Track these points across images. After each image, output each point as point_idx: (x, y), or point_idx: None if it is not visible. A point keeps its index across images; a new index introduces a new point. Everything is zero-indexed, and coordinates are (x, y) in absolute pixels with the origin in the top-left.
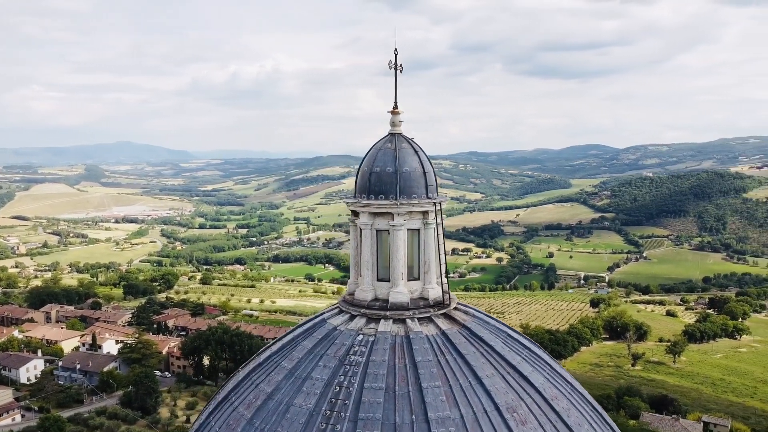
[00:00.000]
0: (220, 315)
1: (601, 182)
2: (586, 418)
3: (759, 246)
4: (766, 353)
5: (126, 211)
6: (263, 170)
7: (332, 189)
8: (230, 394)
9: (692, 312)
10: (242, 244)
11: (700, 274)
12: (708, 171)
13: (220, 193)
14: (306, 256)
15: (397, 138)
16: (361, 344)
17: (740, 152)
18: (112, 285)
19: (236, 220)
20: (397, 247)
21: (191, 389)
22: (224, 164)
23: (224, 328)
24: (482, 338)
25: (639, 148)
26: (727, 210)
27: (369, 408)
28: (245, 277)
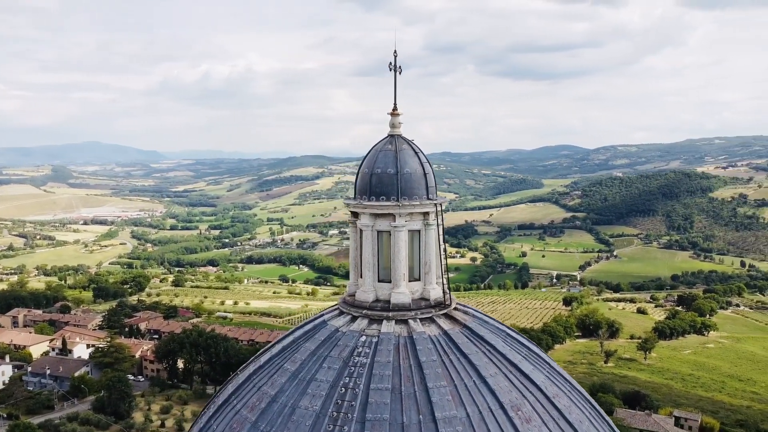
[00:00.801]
0: (194, 317)
1: (572, 182)
2: (586, 415)
3: (724, 244)
4: (732, 349)
5: (95, 213)
6: (236, 171)
7: (306, 189)
8: (231, 398)
9: (662, 309)
10: (215, 245)
11: (668, 272)
12: (675, 171)
13: (191, 194)
14: (280, 257)
15: (397, 139)
16: (365, 345)
17: (706, 153)
18: (82, 288)
19: (208, 221)
20: (398, 248)
21: (166, 393)
22: (196, 165)
23: (199, 331)
24: (483, 337)
25: (609, 149)
26: (694, 209)
27: (376, 409)
28: (218, 278)
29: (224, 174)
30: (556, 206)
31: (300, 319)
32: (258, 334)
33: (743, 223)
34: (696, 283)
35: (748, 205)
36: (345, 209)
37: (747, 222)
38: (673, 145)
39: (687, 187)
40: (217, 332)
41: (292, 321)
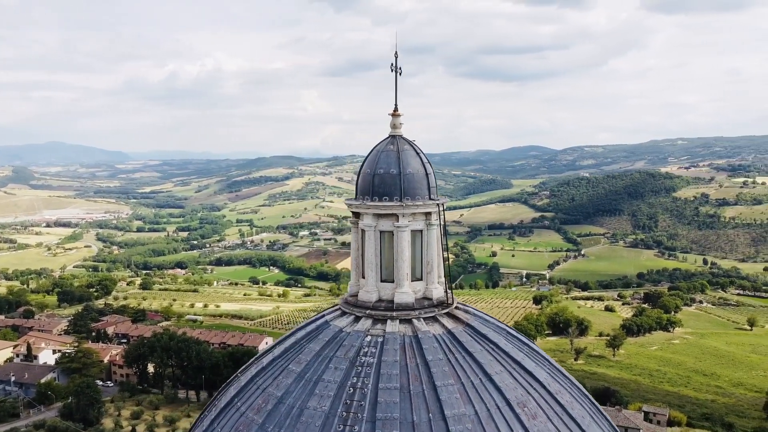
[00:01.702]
0: (163, 321)
1: (540, 182)
2: (587, 411)
3: (688, 243)
4: (697, 344)
5: (58, 215)
6: (204, 171)
7: (276, 190)
8: (234, 400)
9: (629, 307)
10: (183, 247)
11: (634, 270)
12: (640, 171)
13: (158, 195)
14: (250, 259)
15: (399, 140)
16: (371, 345)
17: (669, 153)
18: (45, 292)
19: (176, 223)
20: (402, 248)
21: (136, 398)
22: (163, 165)
23: (170, 335)
24: (486, 336)
25: (576, 149)
26: (659, 208)
27: (386, 408)
28: (187, 281)
29: (192, 175)
30: (525, 206)
31: (272, 322)
32: (229, 337)
33: (705, 222)
34: (661, 281)
35: (710, 204)
36: (315, 210)
37: (709, 221)
38: (637, 146)
39: (651, 187)
40: (188, 335)
41: (263, 323)
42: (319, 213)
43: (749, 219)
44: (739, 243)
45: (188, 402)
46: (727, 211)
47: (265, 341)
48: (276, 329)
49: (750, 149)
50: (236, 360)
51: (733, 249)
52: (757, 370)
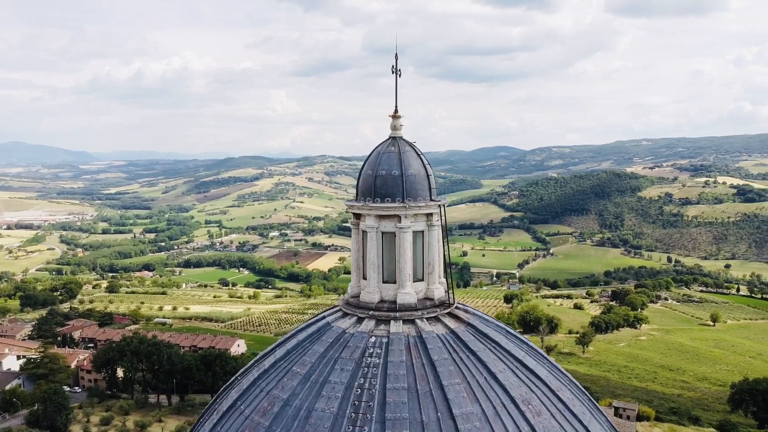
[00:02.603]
0: (131, 324)
1: (510, 182)
2: (587, 408)
3: (653, 241)
4: (663, 340)
5: (19, 217)
6: (171, 172)
7: (245, 191)
8: (237, 403)
9: (597, 304)
10: (150, 249)
11: (601, 269)
12: (606, 171)
13: (124, 196)
14: (219, 261)
15: (399, 141)
16: (376, 346)
17: (634, 154)
18: (7, 296)
19: (143, 225)
20: (404, 249)
21: (105, 403)
22: (128, 166)
23: (140, 338)
24: (488, 335)
25: (544, 150)
26: (624, 208)
27: (395, 408)
28: (155, 283)
29: (159, 175)
30: (495, 206)
31: (243, 324)
32: (200, 340)
33: (669, 221)
34: (627, 279)
35: (674, 203)
36: (285, 211)
37: (672, 220)
38: (604, 147)
39: (617, 186)
40: (158, 339)
41: (234, 325)
42: (289, 214)
43: (711, 218)
44: (702, 241)
45: (159, 406)
46: (690, 210)
47: (237, 343)
48: (247, 331)
49: (711, 150)
50: (209, 363)
51: (695, 247)
52: (721, 365)
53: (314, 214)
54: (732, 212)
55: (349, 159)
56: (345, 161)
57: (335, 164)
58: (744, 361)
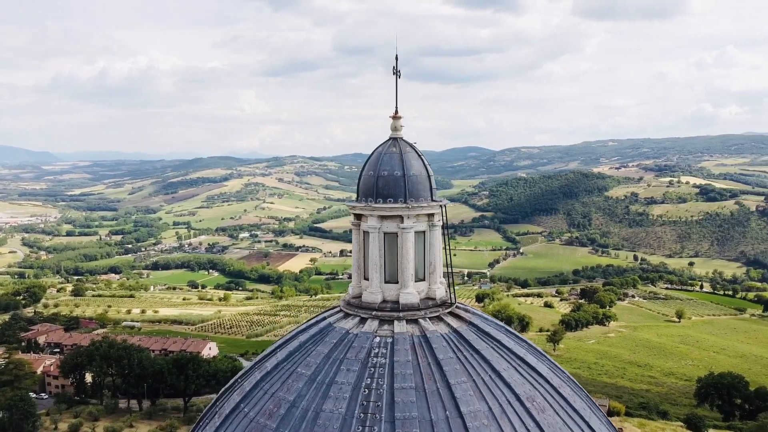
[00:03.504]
0: (98, 328)
1: (480, 183)
2: (586, 403)
3: (619, 240)
4: (631, 337)
5: None
6: (137, 172)
7: (214, 192)
8: (240, 406)
9: (567, 302)
10: (117, 251)
11: (570, 267)
12: (574, 172)
13: (89, 198)
14: (188, 262)
15: (400, 142)
16: (381, 346)
17: (601, 154)
18: None
19: (109, 226)
20: (407, 249)
21: (73, 410)
22: (93, 166)
23: (110, 342)
24: (490, 333)
25: (513, 150)
26: (592, 207)
27: (404, 407)
28: (122, 286)
29: (125, 176)
30: (465, 206)
31: (214, 326)
32: (171, 343)
33: (635, 220)
34: (595, 277)
35: (639, 203)
36: (255, 211)
37: (638, 219)
38: (571, 147)
39: (585, 186)
40: (128, 343)
41: (205, 328)
42: (259, 214)
43: (675, 217)
44: (666, 239)
45: (130, 411)
46: (655, 209)
47: (208, 346)
48: (219, 334)
49: (674, 150)
50: (181, 367)
51: (660, 245)
52: (686, 360)
53: (285, 214)
54: (695, 211)
55: (319, 159)
56: (315, 161)
57: (305, 165)
58: (708, 356)
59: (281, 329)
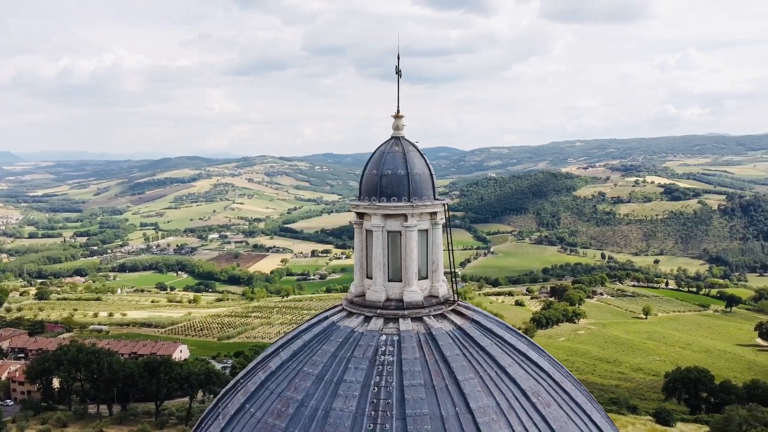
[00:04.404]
0: (64, 332)
1: (450, 182)
2: (586, 398)
3: (587, 238)
4: (600, 334)
5: None
6: (103, 173)
7: (182, 192)
8: (245, 406)
9: (537, 301)
10: (82, 253)
11: (540, 266)
12: (543, 172)
13: (53, 199)
14: (156, 264)
15: (402, 141)
16: (387, 344)
17: (569, 154)
18: None
19: (74, 228)
20: (410, 247)
21: (41, 416)
22: (57, 167)
23: (78, 347)
24: (492, 330)
25: (483, 151)
26: (560, 207)
27: (414, 404)
28: (88, 289)
29: (90, 177)
30: None
31: (184, 328)
32: (140, 347)
33: (602, 219)
34: (564, 275)
35: (606, 202)
36: (224, 212)
37: (605, 218)
38: (540, 148)
39: (554, 186)
40: (98, 347)
41: (175, 330)
42: (229, 215)
43: (641, 215)
44: (633, 238)
45: (100, 417)
46: (621, 208)
47: (179, 349)
48: (189, 336)
49: (640, 150)
50: (152, 370)
51: (627, 244)
52: (653, 356)
53: (255, 215)
54: (660, 210)
55: (289, 159)
56: (286, 162)
57: (276, 165)
58: (674, 351)
59: (253, 331)
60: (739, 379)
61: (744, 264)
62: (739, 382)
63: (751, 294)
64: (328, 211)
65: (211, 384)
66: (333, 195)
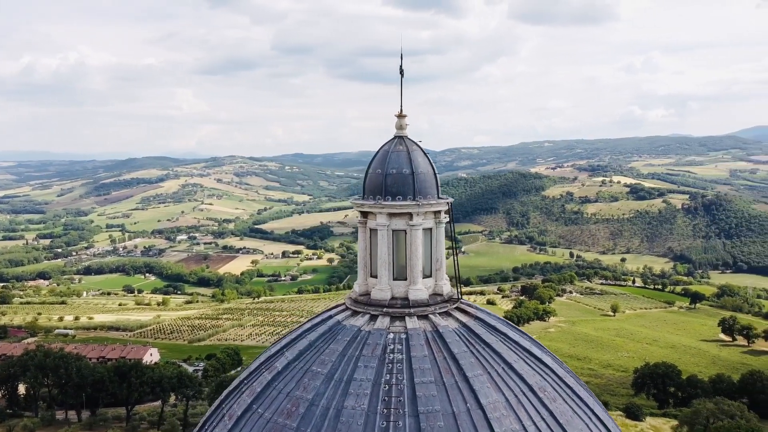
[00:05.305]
0: (28, 337)
1: None
2: (588, 393)
3: (556, 238)
4: (570, 331)
5: None
6: (67, 173)
7: (149, 193)
8: (253, 406)
9: (508, 299)
10: (45, 256)
11: (510, 265)
12: (512, 172)
13: (14, 200)
14: (123, 266)
15: (406, 140)
16: (396, 342)
17: (537, 155)
18: None
19: (36, 230)
20: (416, 246)
21: (6, 423)
22: (18, 167)
23: (45, 351)
24: (496, 327)
25: (453, 151)
26: (530, 206)
27: (426, 401)
28: (52, 292)
29: (53, 177)
30: None
31: (154, 332)
32: (109, 350)
33: (570, 218)
34: (534, 274)
35: (574, 202)
36: (193, 213)
37: (573, 217)
38: (509, 148)
39: (523, 186)
40: (66, 351)
41: (144, 333)
42: (197, 216)
43: (608, 215)
44: (600, 237)
45: (68, 423)
46: (589, 208)
47: (149, 352)
48: (159, 339)
49: (606, 151)
50: (123, 374)
51: (594, 242)
52: (622, 352)
53: (224, 216)
54: (626, 209)
55: (259, 159)
56: (255, 162)
57: (245, 165)
58: (642, 347)
59: (224, 333)
60: (704, 374)
61: (707, 262)
62: (705, 376)
63: (713, 291)
64: (299, 211)
65: (183, 387)
66: (303, 195)
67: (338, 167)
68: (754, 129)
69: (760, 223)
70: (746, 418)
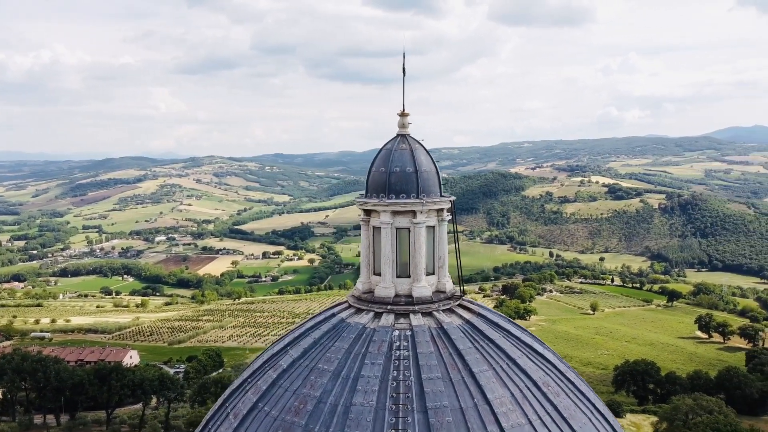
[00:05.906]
0: (4, 340)
1: None
2: (589, 388)
3: (536, 237)
4: (550, 330)
5: None
6: (42, 174)
7: (127, 193)
8: (258, 405)
9: (490, 299)
10: (20, 258)
11: (491, 264)
12: (493, 172)
13: None
14: (100, 268)
15: (409, 139)
16: (401, 339)
17: (517, 155)
18: None
19: (10, 231)
20: (419, 243)
21: None
22: None
23: (23, 355)
24: (498, 324)
25: (434, 151)
26: (510, 206)
27: (434, 397)
28: (28, 295)
29: (28, 178)
30: None
31: (133, 334)
32: (87, 353)
33: (550, 218)
34: (515, 273)
35: (553, 201)
36: (172, 214)
37: (553, 217)
38: (489, 148)
39: (503, 186)
40: (44, 355)
41: (123, 336)
42: (176, 217)
43: (586, 214)
44: (579, 236)
45: (47, 427)
46: (568, 207)
47: (129, 355)
48: (138, 341)
49: (585, 151)
50: (103, 377)
51: (573, 242)
52: (602, 350)
53: (203, 216)
54: (604, 209)
55: (239, 160)
56: (235, 162)
57: (224, 165)
58: (621, 345)
59: (205, 334)
60: (682, 371)
61: (683, 260)
62: (683, 373)
63: (690, 289)
64: (279, 212)
65: (165, 390)
66: (284, 196)
67: (319, 167)
68: (728, 130)
69: (734, 222)
70: (724, 414)
